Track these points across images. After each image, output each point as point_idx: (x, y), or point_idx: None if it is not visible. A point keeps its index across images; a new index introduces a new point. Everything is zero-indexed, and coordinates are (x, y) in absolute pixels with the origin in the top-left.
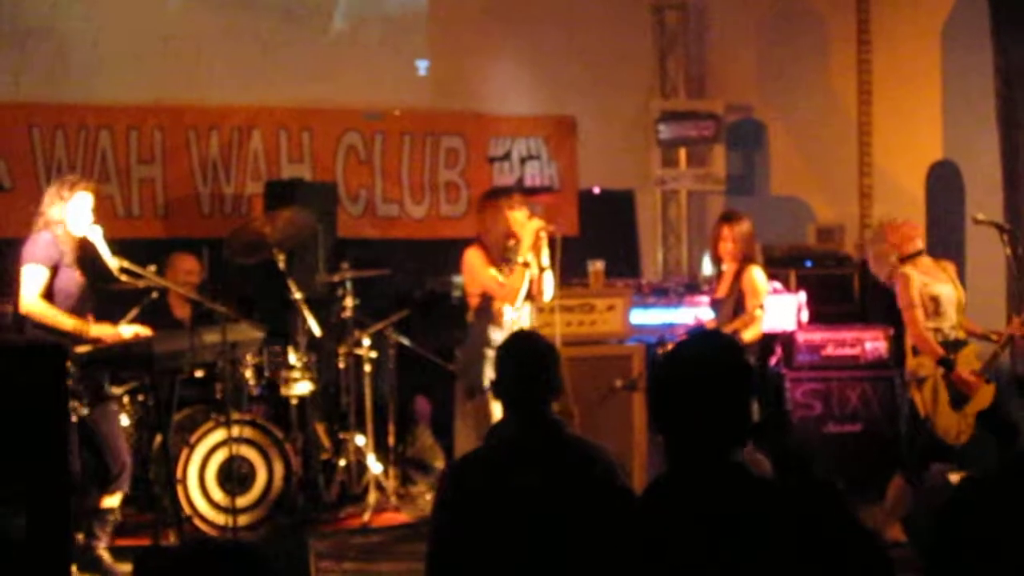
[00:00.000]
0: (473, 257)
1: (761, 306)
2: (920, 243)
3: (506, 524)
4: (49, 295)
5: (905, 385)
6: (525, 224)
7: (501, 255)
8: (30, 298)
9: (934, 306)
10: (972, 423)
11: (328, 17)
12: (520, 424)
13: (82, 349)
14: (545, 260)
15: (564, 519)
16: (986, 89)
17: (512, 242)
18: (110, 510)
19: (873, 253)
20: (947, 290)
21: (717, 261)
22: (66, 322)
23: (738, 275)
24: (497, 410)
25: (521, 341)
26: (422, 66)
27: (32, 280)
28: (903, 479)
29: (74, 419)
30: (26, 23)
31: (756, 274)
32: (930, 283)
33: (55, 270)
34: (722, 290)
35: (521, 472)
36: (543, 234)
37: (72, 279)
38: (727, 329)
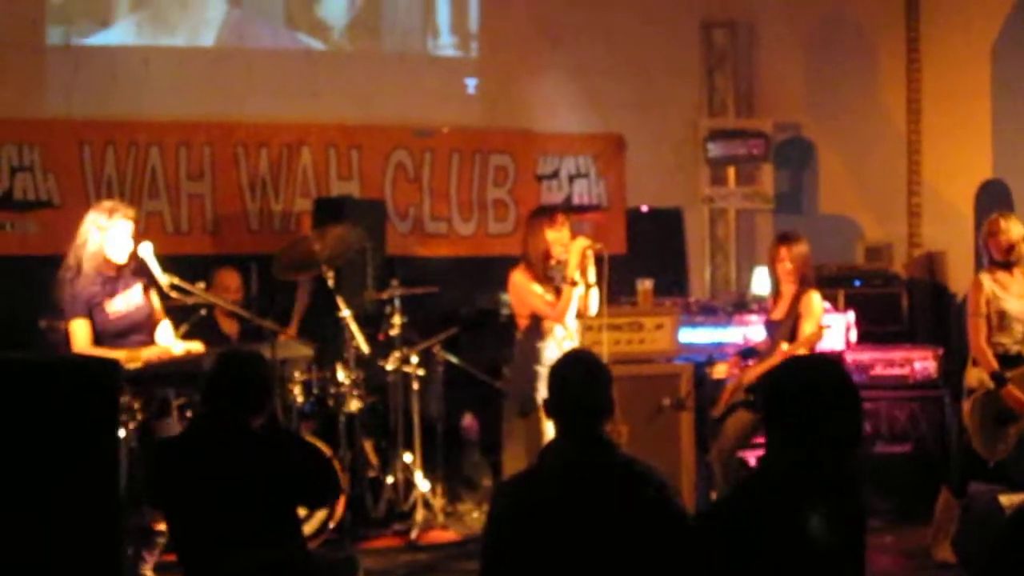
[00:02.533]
0: (519, 279)
1: (826, 326)
2: (1014, 255)
3: (559, 545)
4: (99, 338)
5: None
6: (567, 244)
7: (545, 274)
8: (83, 351)
9: (999, 319)
10: (1012, 443)
11: (378, 34)
12: (574, 444)
13: (133, 365)
14: (592, 278)
15: (618, 540)
16: None
17: (554, 261)
18: (161, 532)
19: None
20: (1017, 305)
21: (775, 281)
22: (117, 355)
23: (796, 298)
24: (549, 428)
25: (574, 360)
26: (471, 84)
27: (76, 336)
28: (949, 493)
29: (122, 434)
30: (77, 40)
31: (815, 299)
32: (1002, 296)
33: (92, 314)
34: (779, 312)
35: (575, 492)
36: (589, 252)
37: (119, 308)
38: (791, 351)
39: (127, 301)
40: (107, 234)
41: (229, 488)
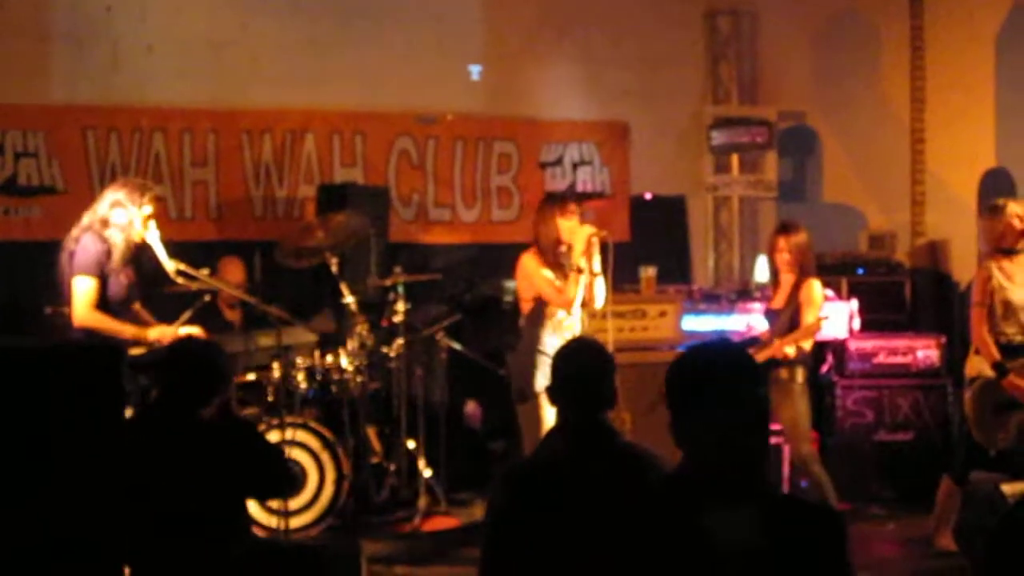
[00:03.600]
0: (529, 262)
1: (824, 317)
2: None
3: (560, 532)
4: (103, 303)
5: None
6: (576, 231)
7: (555, 260)
8: (84, 310)
9: (1003, 309)
10: (1013, 432)
11: (382, 21)
12: (575, 431)
13: (137, 351)
14: (597, 266)
15: (619, 528)
16: None
17: (564, 248)
18: None
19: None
20: (1022, 295)
21: (774, 271)
22: (125, 329)
23: (796, 287)
24: (550, 415)
25: (579, 348)
26: (475, 71)
27: (83, 292)
28: (951, 481)
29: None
30: (81, 27)
31: (815, 287)
32: (1007, 287)
33: (104, 277)
34: (778, 301)
35: (576, 480)
36: (595, 240)
37: (119, 282)
38: (789, 341)
39: (120, 282)
40: (140, 211)
41: (170, 477)
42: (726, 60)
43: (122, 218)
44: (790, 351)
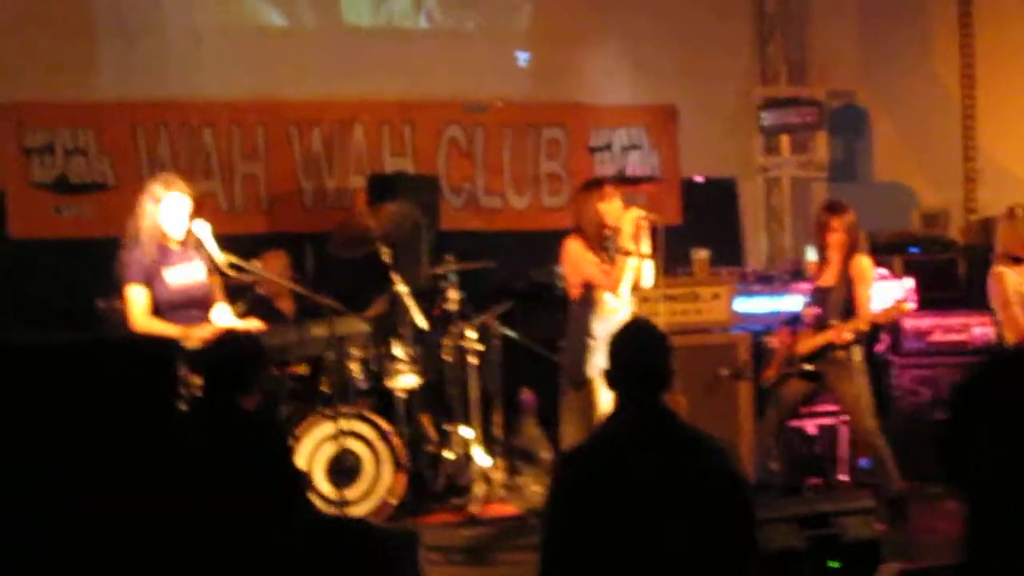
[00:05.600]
0: (574, 247)
1: (906, 301)
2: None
3: (622, 513)
4: (156, 309)
5: None
6: (619, 215)
7: (600, 244)
8: (136, 319)
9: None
10: None
11: (428, 9)
12: (634, 414)
13: (190, 344)
14: (646, 248)
15: (681, 508)
16: None
17: (608, 232)
18: None
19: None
20: None
21: (823, 249)
22: (172, 331)
23: (845, 263)
24: (603, 400)
25: (635, 330)
26: (522, 57)
27: (133, 303)
28: None
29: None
30: (129, 21)
31: (864, 262)
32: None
33: (151, 283)
34: (828, 278)
35: (637, 461)
36: (643, 223)
37: (178, 280)
38: (850, 328)
39: (189, 275)
40: (162, 206)
41: (210, 462)
42: (774, 40)
43: (149, 218)
44: (849, 336)
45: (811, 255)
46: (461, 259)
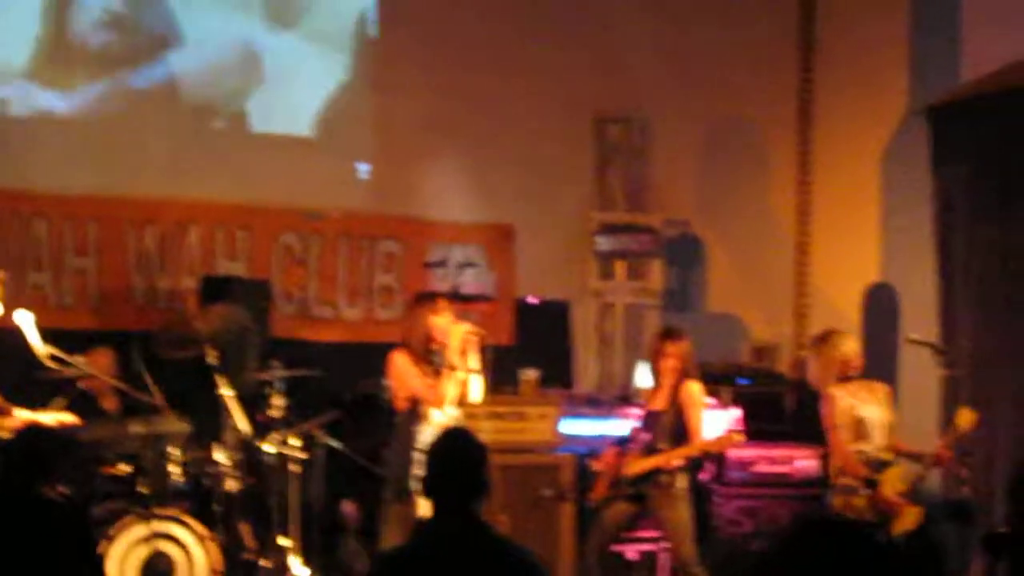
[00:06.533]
0: (400, 360)
1: (738, 433)
2: (854, 371)
3: None
4: None
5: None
6: (448, 329)
7: (427, 358)
8: None
9: (859, 428)
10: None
11: (271, 116)
12: (448, 522)
13: (2, 435)
14: (473, 364)
15: None
16: (924, 213)
17: (436, 346)
18: None
19: (820, 361)
20: (874, 412)
21: (657, 374)
22: None
23: (676, 389)
24: (424, 511)
25: (451, 437)
26: (363, 169)
27: None
28: None
29: None
30: None
31: (695, 388)
32: (857, 405)
33: None
34: (659, 402)
35: (447, 570)
36: (472, 338)
37: None
38: (681, 453)
39: None
40: None
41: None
42: (614, 166)
43: None
44: (678, 462)
45: (640, 381)
46: (290, 367)
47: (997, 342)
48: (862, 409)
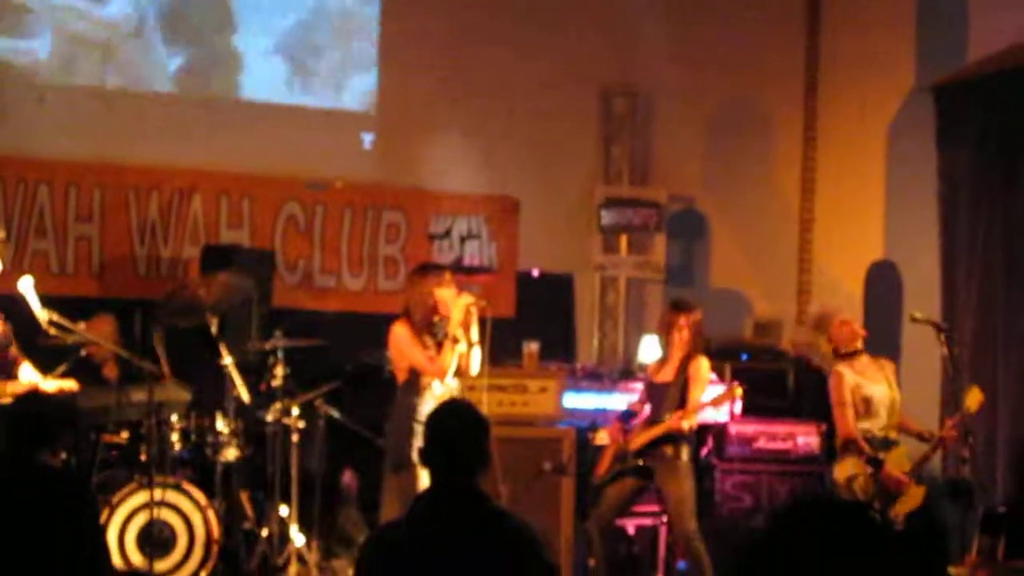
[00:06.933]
0: (401, 332)
1: (738, 385)
2: (860, 343)
3: None
4: None
5: (833, 486)
6: (453, 301)
7: (428, 330)
8: None
9: (865, 406)
10: (900, 523)
11: (276, 86)
12: (447, 494)
13: (2, 400)
14: (475, 336)
15: None
16: (929, 191)
17: (438, 318)
18: None
19: (808, 341)
20: (880, 391)
21: (667, 346)
22: None
23: (684, 363)
24: (423, 484)
25: (452, 409)
26: (367, 139)
27: None
28: None
29: None
30: None
31: (704, 365)
32: (863, 383)
33: None
34: (665, 375)
35: (445, 542)
36: (473, 310)
37: None
38: (688, 414)
39: None
40: None
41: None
42: (619, 140)
43: None
44: (686, 425)
45: (643, 355)
46: (291, 336)
47: (1000, 321)
48: (869, 387)
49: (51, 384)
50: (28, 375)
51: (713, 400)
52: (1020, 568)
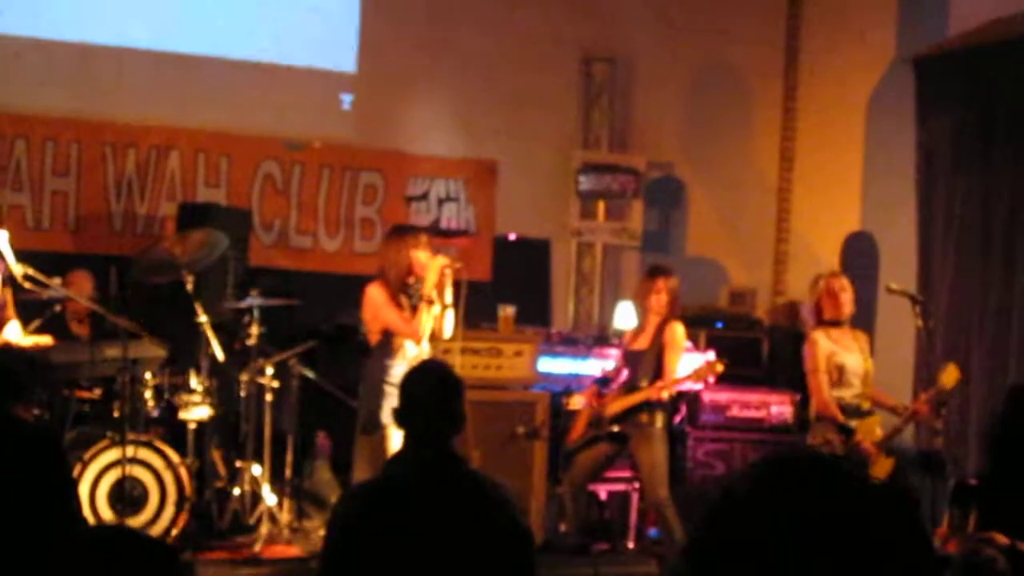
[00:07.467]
0: (375, 293)
1: (718, 362)
2: (844, 314)
3: (401, 554)
4: None
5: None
6: (429, 262)
7: (403, 292)
8: None
9: (838, 375)
10: None
11: (255, 43)
12: (421, 455)
13: None
14: (449, 298)
15: (460, 552)
16: (907, 162)
17: (413, 280)
18: None
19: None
20: (854, 360)
21: (644, 312)
22: None
23: (660, 329)
24: (394, 446)
25: (426, 369)
26: (346, 100)
27: None
28: None
29: None
30: None
31: (679, 331)
32: (838, 352)
33: None
34: (642, 342)
35: (419, 503)
36: (448, 272)
37: None
38: (668, 385)
39: None
40: None
41: None
42: (599, 106)
43: None
44: (665, 395)
45: (618, 321)
46: (267, 295)
47: (976, 293)
48: (843, 356)
49: (27, 340)
50: (8, 333)
51: (695, 373)
52: (990, 539)
